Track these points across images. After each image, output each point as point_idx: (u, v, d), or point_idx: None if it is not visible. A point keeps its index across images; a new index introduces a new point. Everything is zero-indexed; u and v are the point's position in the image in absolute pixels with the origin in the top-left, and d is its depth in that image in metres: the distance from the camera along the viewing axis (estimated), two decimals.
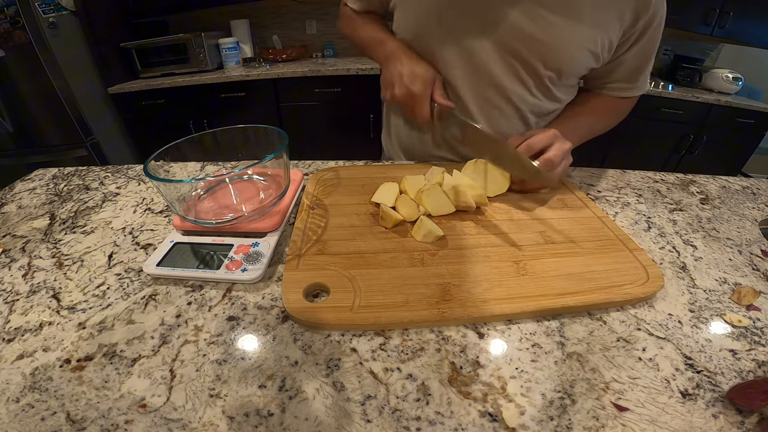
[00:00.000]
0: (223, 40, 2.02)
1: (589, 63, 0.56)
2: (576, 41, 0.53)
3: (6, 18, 1.51)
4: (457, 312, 0.33)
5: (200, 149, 0.49)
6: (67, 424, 0.26)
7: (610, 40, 0.53)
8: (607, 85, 0.62)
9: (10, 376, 0.30)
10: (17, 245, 0.47)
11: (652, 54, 0.57)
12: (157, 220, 0.51)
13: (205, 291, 0.38)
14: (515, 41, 0.54)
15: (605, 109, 0.65)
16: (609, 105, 0.64)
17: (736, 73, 1.87)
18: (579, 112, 0.64)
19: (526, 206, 0.50)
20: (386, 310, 0.34)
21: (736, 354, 0.31)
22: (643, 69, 0.59)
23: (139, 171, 0.67)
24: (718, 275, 0.41)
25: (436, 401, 0.28)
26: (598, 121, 0.65)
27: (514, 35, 0.54)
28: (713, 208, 0.54)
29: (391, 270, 0.38)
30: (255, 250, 0.41)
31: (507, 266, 0.39)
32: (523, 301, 0.35)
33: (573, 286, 0.36)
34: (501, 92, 0.60)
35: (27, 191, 0.62)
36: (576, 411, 0.27)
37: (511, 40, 0.55)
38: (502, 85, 0.59)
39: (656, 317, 0.35)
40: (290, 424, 0.26)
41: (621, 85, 0.61)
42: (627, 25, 0.52)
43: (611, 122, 0.66)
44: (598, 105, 0.65)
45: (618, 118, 0.66)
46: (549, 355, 0.31)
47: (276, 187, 0.49)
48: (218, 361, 0.31)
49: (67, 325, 0.34)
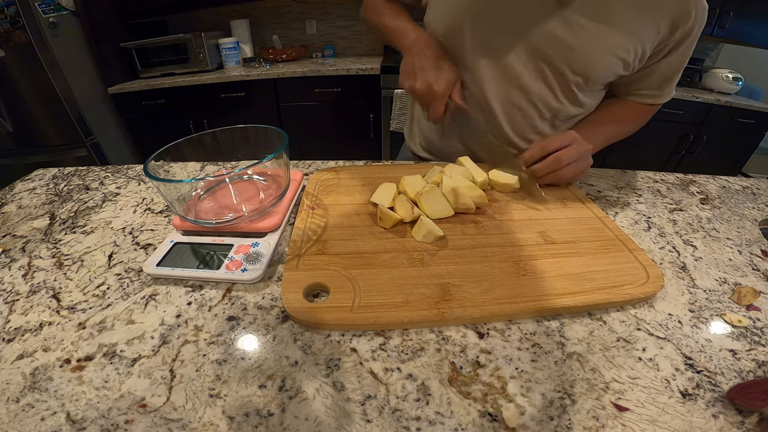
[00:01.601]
0: (223, 40, 2.02)
1: (618, 70, 0.56)
2: (606, 48, 0.53)
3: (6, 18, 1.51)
4: (457, 312, 0.33)
5: (200, 149, 0.49)
6: (67, 424, 0.26)
7: (644, 49, 0.53)
8: (635, 92, 0.62)
9: (10, 376, 0.30)
10: (17, 245, 0.47)
11: (684, 63, 0.57)
12: (157, 220, 0.51)
13: (205, 291, 0.38)
14: (546, 46, 0.55)
15: (629, 115, 0.64)
16: (633, 111, 0.64)
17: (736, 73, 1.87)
18: (603, 118, 0.64)
19: (527, 206, 0.50)
20: (386, 310, 0.34)
21: (736, 354, 0.31)
22: (673, 78, 0.59)
23: (139, 171, 0.67)
24: (718, 275, 0.41)
25: (436, 401, 0.28)
26: (621, 127, 0.64)
27: (545, 40, 0.54)
28: (713, 208, 0.54)
29: (391, 270, 0.38)
30: (255, 250, 0.41)
31: (507, 266, 0.39)
32: (524, 301, 0.35)
33: (573, 286, 0.36)
34: (525, 94, 0.60)
35: (27, 191, 0.62)
36: (576, 411, 0.27)
37: (541, 45, 0.55)
38: (527, 87, 0.59)
39: (656, 317, 0.35)
40: (290, 424, 0.26)
41: (649, 92, 0.61)
42: (664, 35, 0.51)
43: (633, 128, 0.66)
44: (623, 111, 0.64)
45: (640, 124, 0.66)
46: (549, 355, 0.31)
47: (276, 187, 0.50)
48: (218, 361, 0.31)
49: (67, 325, 0.34)
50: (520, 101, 0.61)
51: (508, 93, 0.61)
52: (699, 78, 1.98)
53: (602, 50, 0.53)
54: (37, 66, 1.61)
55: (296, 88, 1.89)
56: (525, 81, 0.59)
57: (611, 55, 0.53)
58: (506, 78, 0.60)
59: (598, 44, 0.53)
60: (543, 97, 0.60)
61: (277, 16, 2.24)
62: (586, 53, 0.54)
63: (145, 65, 1.97)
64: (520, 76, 0.59)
